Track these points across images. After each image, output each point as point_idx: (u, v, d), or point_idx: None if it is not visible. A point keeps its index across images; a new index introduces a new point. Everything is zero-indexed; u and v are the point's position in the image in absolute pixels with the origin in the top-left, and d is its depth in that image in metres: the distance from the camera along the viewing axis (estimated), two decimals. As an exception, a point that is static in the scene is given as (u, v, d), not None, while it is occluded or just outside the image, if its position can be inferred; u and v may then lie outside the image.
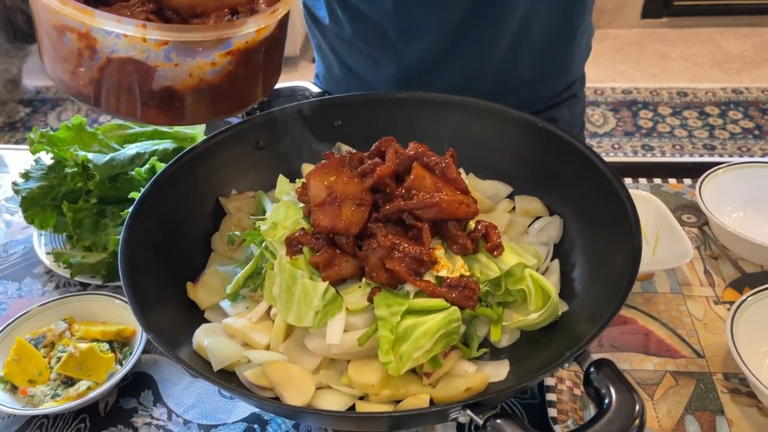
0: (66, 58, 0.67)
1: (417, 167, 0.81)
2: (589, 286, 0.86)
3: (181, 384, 0.97)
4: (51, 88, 3.86)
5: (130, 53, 0.64)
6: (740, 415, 0.88)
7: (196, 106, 0.71)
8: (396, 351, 0.73)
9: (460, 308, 0.77)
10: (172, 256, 0.92)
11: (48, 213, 1.18)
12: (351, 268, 0.79)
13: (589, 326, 0.76)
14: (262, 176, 1.04)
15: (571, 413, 0.87)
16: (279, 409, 0.78)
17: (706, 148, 3.12)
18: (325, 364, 0.80)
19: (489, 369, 0.79)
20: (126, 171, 1.16)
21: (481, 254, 0.83)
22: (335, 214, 0.77)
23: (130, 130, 1.29)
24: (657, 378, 0.93)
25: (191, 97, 0.69)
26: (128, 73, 0.66)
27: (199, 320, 0.88)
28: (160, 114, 0.70)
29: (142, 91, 0.68)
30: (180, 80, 0.67)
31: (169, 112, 0.70)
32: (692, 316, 1.02)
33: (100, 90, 0.68)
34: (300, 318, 0.77)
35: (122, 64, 0.65)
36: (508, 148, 1.03)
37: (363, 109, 1.07)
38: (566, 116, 1.38)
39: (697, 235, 1.17)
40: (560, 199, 0.98)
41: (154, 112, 0.69)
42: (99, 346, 0.96)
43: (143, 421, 0.92)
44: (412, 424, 0.81)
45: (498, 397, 0.73)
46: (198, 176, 0.99)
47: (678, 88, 3.55)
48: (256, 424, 0.91)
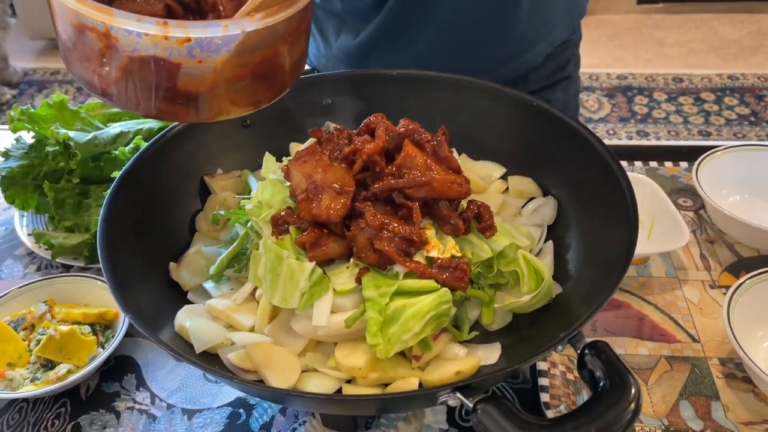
0: (87, 57, 0.65)
1: (408, 145, 0.79)
2: (584, 269, 0.84)
3: (165, 368, 0.95)
4: (38, 71, 3.80)
5: (152, 51, 0.62)
6: (736, 400, 0.86)
7: (224, 101, 0.68)
8: (384, 333, 0.71)
9: (451, 290, 0.74)
10: (155, 236, 0.89)
11: (29, 193, 1.15)
12: (339, 249, 0.77)
13: (583, 309, 0.74)
14: (248, 155, 1.01)
15: (563, 398, 0.85)
16: (263, 393, 0.75)
17: (701, 135, 3.10)
18: (312, 346, 0.78)
19: (480, 352, 0.77)
20: (109, 150, 1.13)
21: (473, 235, 0.81)
22: (316, 203, 0.74)
23: (114, 109, 1.25)
24: (651, 363, 0.92)
25: (218, 93, 0.67)
26: (151, 71, 0.64)
27: (182, 302, 0.85)
28: (188, 111, 0.68)
29: (168, 89, 0.65)
30: (205, 76, 0.65)
31: (197, 109, 0.67)
32: (688, 301, 1.01)
33: (124, 89, 0.66)
34: (286, 299, 0.74)
35: (145, 62, 0.63)
36: (502, 127, 1.00)
37: (353, 86, 1.04)
38: (560, 98, 1.35)
39: (693, 219, 1.15)
40: (555, 180, 0.96)
41: (181, 109, 0.67)
42: (80, 329, 0.94)
43: (126, 406, 0.90)
44: (400, 407, 0.79)
45: (489, 380, 0.71)
46: (182, 154, 0.96)
47: (674, 73, 3.53)
48: (241, 409, 0.89)
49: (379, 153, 0.77)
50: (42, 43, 4.02)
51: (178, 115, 0.68)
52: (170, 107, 0.67)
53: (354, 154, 0.78)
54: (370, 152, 0.76)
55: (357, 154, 0.78)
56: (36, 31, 3.85)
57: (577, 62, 1.38)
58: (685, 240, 0.99)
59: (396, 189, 0.77)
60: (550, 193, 0.96)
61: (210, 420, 0.88)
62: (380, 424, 0.85)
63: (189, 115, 0.68)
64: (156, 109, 0.67)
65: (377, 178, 0.78)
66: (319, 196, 0.74)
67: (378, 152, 0.77)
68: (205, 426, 0.87)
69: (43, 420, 0.89)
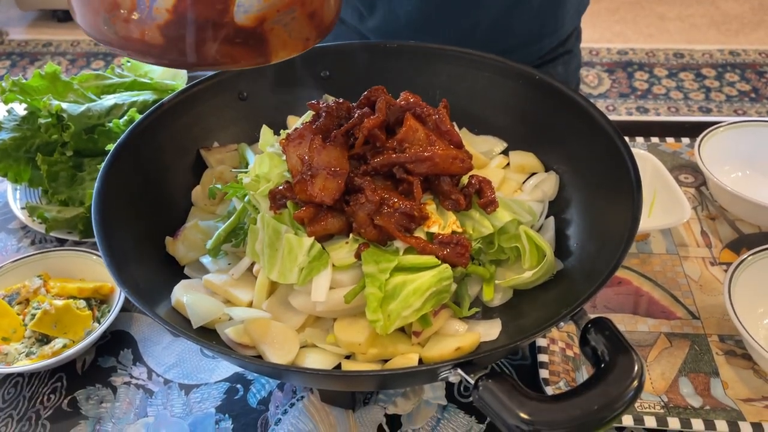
0: (117, 2, 0.56)
1: (409, 118, 0.77)
2: (585, 245, 0.83)
3: (161, 343, 0.94)
4: (30, 42, 3.73)
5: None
6: (735, 377, 0.86)
7: (278, 38, 0.61)
8: (384, 309, 0.70)
9: (452, 266, 0.73)
10: (150, 209, 0.88)
11: (22, 166, 1.13)
12: (338, 224, 0.75)
13: (585, 285, 0.73)
14: (245, 128, 0.99)
15: (563, 374, 0.84)
16: (262, 368, 0.75)
17: (701, 111, 3.07)
18: (310, 322, 0.77)
19: (480, 328, 0.76)
20: (103, 122, 1.11)
21: (474, 210, 0.79)
22: (310, 185, 0.73)
23: (107, 81, 1.23)
24: (651, 339, 0.91)
25: (271, 28, 0.60)
26: (204, 8, 0.57)
27: (178, 276, 0.84)
28: (245, 53, 0.61)
29: (222, 27, 0.58)
30: (263, 8, 0.58)
31: (254, 49, 0.61)
32: (688, 277, 1.00)
33: (174, 36, 0.58)
34: (284, 274, 0.73)
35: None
36: (504, 101, 0.98)
37: (352, 59, 1.02)
38: (561, 72, 1.33)
39: (694, 196, 1.14)
40: (557, 155, 0.94)
41: (237, 51, 0.60)
42: (75, 303, 0.93)
43: (122, 380, 0.90)
44: (400, 383, 0.78)
45: (490, 357, 0.70)
46: (177, 127, 0.94)
47: (674, 49, 3.49)
48: (239, 384, 0.88)
49: (379, 127, 0.75)
50: (33, 14, 3.95)
51: (233, 57, 0.61)
52: (225, 50, 0.59)
53: (354, 128, 0.77)
54: (370, 126, 0.74)
55: (357, 128, 0.76)
56: (28, 1, 3.77)
57: (579, 35, 1.36)
58: (687, 216, 0.98)
59: (397, 164, 0.75)
60: (551, 168, 0.95)
61: (207, 395, 0.87)
62: (379, 400, 0.85)
63: (245, 57, 0.61)
64: (210, 55, 0.59)
65: (377, 152, 0.76)
66: (312, 178, 0.73)
67: (378, 126, 0.75)
68: (202, 401, 0.87)
69: (39, 394, 0.88)
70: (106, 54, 3.60)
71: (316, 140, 0.75)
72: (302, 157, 0.75)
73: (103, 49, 3.63)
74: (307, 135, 0.76)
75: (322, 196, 0.73)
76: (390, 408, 0.84)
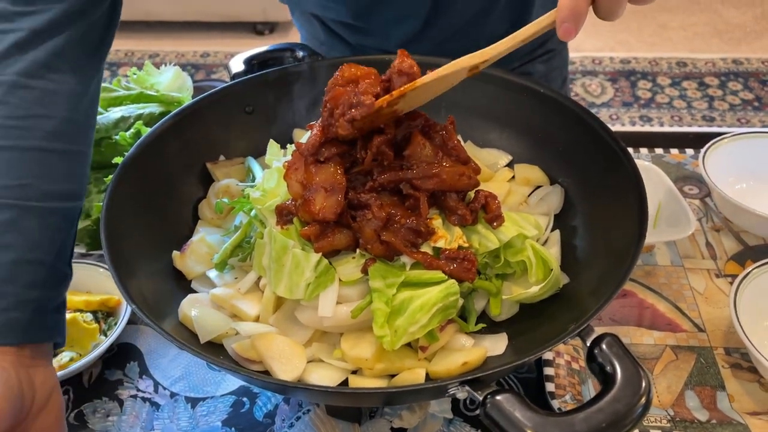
0: None
1: (417, 134, 0.77)
2: (591, 258, 0.84)
3: (168, 356, 0.94)
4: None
5: None
6: (741, 390, 0.86)
7: None
8: (391, 325, 0.70)
9: (459, 281, 0.74)
10: (157, 223, 0.88)
11: (29, 178, 1.13)
12: (345, 239, 0.76)
13: (591, 299, 0.73)
14: (251, 142, 1.00)
15: (569, 388, 0.84)
16: (268, 384, 0.75)
17: (705, 120, 3.08)
18: (317, 337, 0.77)
19: (487, 343, 0.76)
20: (110, 135, 1.12)
21: (480, 225, 0.80)
22: (311, 205, 0.74)
23: (114, 93, 1.24)
24: (657, 352, 0.91)
25: None
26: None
27: (185, 290, 0.85)
28: None
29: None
30: None
31: None
32: (693, 290, 1.00)
33: None
34: (291, 290, 0.74)
35: None
36: (508, 114, 0.99)
37: (357, 72, 1.02)
38: (540, 70, 1.31)
39: (698, 207, 1.14)
40: (561, 168, 0.95)
41: None
42: (82, 317, 0.93)
43: (129, 394, 0.90)
44: (407, 399, 0.79)
45: (497, 374, 0.70)
46: (184, 141, 0.94)
47: (677, 58, 3.50)
48: (245, 397, 0.88)
49: (387, 144, 0.76)
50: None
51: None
52: None
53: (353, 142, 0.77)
54: (379, 143, 0.74)
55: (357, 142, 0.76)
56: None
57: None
58: (692, 229, 0.98)
59: (404, 180, 0.75)
60: (556, 181, 0.95)
61: (214, 408, 0.87)
62: (385, 414, 0.85)
63: None
64: None
65: (384, 168, 0.77)
66: (312, 198, 0.74)
67: (387, 143, 0.75)
68: (208, 414, 0.87)
69: (46, 408, 0.88)
70: (111, 63, 3.62)
71: (310, 161, 0.76)
72: (301, 182, 0.75)
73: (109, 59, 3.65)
74: (300, 160, 0.76)
75: (324, 213, 0.74)
76: (396, 421, 0.84)
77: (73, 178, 0.77)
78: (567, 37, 0.62)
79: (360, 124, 0.73)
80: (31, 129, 0.73)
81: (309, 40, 1.32)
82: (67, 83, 0.77)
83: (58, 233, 0.74)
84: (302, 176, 0.75)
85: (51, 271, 0.73)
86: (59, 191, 0.75)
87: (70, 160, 0.77)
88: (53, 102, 0.76)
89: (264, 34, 3.79)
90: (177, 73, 1.29)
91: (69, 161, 0.77)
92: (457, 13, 1.12)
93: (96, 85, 0.84)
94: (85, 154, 0.80)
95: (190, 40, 3.77)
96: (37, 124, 0.74)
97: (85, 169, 0.81)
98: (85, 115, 0.81)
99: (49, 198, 0.73)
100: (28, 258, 0.70)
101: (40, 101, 0.75)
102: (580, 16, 0.61)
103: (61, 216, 0.75)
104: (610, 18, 0.63)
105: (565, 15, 0.61)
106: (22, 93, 0.73)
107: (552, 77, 1.35)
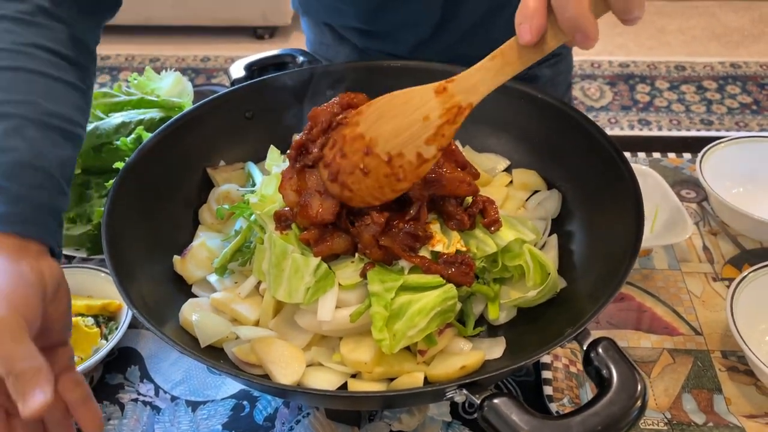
0: None
1: None
2: (588, 262, 0.84)
3: (168, 360, 0.95)
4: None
5: None
6: (738, 393, 0.87)
7: None
8: (390, 328, 0.71)
9: (457, 285, 0.74)
10: (158, 228, 0.89)
11: (30, 183, 1.14)
12: (344, 244, 0.76)
13: (588, 303, 0.74)
14: (251, 147, 1.00)
15: (566, 391, 0.85)
16: (268, 388, 0.76)
17: (703, 123, 3.09)
18: (316, 340, 0.78)
19: (485, 347, 0.77)
20: (111, 140, 1.12)
21: (478, 230, 0.80)
22: (308, 209, 0.75)
23: (115, 99, 1.24)
24: (654, 355, 0.92)
25: None
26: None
27: (186, 295, 0.85)
28: None
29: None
30: None
31: None
32: (690, 293, 1.01)
33: None
34: (290, 294, 0.74)
35: None
36: (506, 119, 1.00)
37: (355, 78, 1.03)
38: (547, 74, 1.32)
39: (696, 211, 1.15)
40: (559, 173, 0.96)
41: None
42: (83, 321, 0.93)
43: (129, 398, 0.90)
44: (406, 403, 0.79)
45: (495, 377, 0.71)
46: (185, 146, 0.95)
47: (676, 61, 3.51)
48: (245, 401, 0.89)
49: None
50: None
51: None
52: None
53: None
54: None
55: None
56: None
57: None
58: (689, 232, 0.99)
59: None
60: (554, 185, 0.96)
61: (214, 412, 0.88)
62: (384, 417, 0.85)
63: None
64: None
65: None
66: (309, 202, 0.75)
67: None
68: (209, 418, 0.87)
69: (47, 412, 0.89)
70: (112, 68, 3.63)
71: (299, 168, 0.77)
72: (295, 189, 0.76)
73: (109, 64, 3.66)
74: (292, 170, 0.78)
75: (322, 215, 0.74)
76: (395, 424, 0.84)
77: (75, 107, 0.79)
78: (523, 39, 0.59)
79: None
80: (36, 57, 0.76)
81: (315, 44, 1.33)
82: (70, 26, 0.81)
83: (60, 149, 0.74)
84: (296, 184, 0.76)
85: (52, 180, 0.72)
86: (62, 114, 0.76)
87: (72, 90, 0.79)
88: (56, 39, 0.78)
89: (264, 39, 3.80)
90: (177, 78, 1.30)
91: (72, 91, 0.79)
92: (468, 14, 1.13)
93: (93, 45, 0.87)
94: (85, 92, 0.82)
95: (190, 44, 3.78)
96: (42, 54, 0.76)
97: (87, 105, 0.82)
98: (85, 59, 0.83)
99: (54, 117, 0.74)
100: (31, 162, 0.70)
101: (44, 35, 0.77)
102: (533, 14, 0.58)
103: (64, 135, 0.76)
104: (627, 15, 0.58)
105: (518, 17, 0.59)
106: (25, 26, 0.76)
107: (558, 81, 1.36)
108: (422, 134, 0.67)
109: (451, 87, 0.66)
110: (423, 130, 0.67)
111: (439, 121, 0.66)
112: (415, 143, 0.68)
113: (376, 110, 0.71)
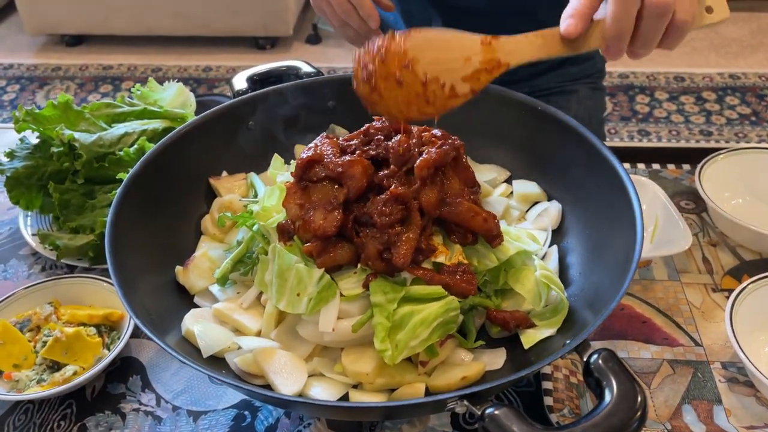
0: None
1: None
2: (588, 273, 0.85)
3: (170, 369, 0.95)
4: (39, 66, 3.79)
5: None
6: (738, 404, 0.87)
7: None
8: (392, 339, 0.71)
9: (459, 294, 0.75)
10: (161, 238, 0.90)
11: (34, 193, 1.15)
12: (346, 255, 0.77)
13: (588, 314, 0.75)
14: (253, 158, 1.01)
15: (567, 402, 0.85)
16: (269, 399, 0.76)
17: (702, 134, 3.10)
18: (318, 351, 0.78)
19: (485, 358, 0.77)
20: (114, 151, 1.13)
21: (480, 244, 0.81)
22: (311, 223, 0.76)
23: (118, 109, 1.25)
24: (654, 366, 0.92)
25: None
26: None
27: (188, 305, 0.86)
28: None
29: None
30: None
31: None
32: (690, 304, 1.01)
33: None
34: (292, 304, 0.75)
35: None
36: (507, 131, 1.00)
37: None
38: (587, 94, 1.34)
39: (695, 222, 1.16)
40: (559, 184, 0.96)
41: None
42: (86, 330, 0.94)
43: (131, 407, 0.91)
44: (408, 414, 0.79)
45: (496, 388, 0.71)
46: (188, 157, 0.96)
47: (675, 72, 3.52)
48: (246, 411, 0.89)
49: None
50: (42, 38, 4.00)
51: None
52: None
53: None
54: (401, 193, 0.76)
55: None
56: (36, 26, 3.83)
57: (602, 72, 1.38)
58: (688, 243, 0.99)
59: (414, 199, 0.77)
60: (554, 196, 0.96)
61: (215, 422, 0.88)
62: (385, 427, 0.85)
63: None
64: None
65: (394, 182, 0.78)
66: (313, 216, 0.75)
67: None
68: (210, 428, 0.87)
69: (48, 421, 0.89)
70: (114, 78, 3.65)
71: (303, 184, 0.78)
72: (299, 204, 0.77)
73: (111, 73, 3.68)
74: (296, 185, 0.79)
75: (324, 228, 0.75)
76: (396, 435, 0.85)
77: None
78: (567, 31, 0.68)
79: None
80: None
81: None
82: None
83: None
84: (300, 198, 0.77)
85: None
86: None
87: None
88: None
89: (265, 49, 3.82)
90: (180, 89, 1.31)
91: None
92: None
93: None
94: None
95: (192, 54, 3.80)
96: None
97: None
98: None
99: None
100: None
101: None
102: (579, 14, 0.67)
103: None
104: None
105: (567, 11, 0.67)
106: None
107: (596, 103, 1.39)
108: (461, 71, 0.73)
109: (495, 43, 0.73)
110: (462, 68, 0.73)
111: (479, 66, 0.73)
112: (453, 77, 0.73)
113: (425, 37, 0.74)
